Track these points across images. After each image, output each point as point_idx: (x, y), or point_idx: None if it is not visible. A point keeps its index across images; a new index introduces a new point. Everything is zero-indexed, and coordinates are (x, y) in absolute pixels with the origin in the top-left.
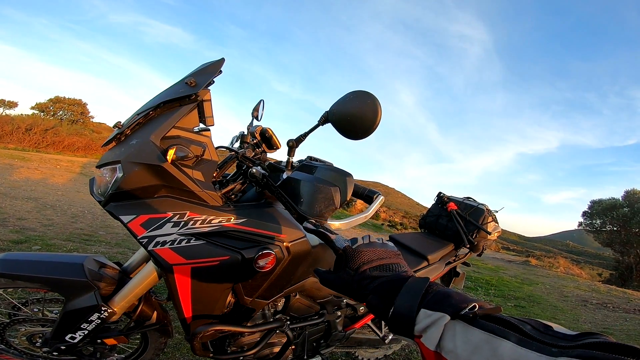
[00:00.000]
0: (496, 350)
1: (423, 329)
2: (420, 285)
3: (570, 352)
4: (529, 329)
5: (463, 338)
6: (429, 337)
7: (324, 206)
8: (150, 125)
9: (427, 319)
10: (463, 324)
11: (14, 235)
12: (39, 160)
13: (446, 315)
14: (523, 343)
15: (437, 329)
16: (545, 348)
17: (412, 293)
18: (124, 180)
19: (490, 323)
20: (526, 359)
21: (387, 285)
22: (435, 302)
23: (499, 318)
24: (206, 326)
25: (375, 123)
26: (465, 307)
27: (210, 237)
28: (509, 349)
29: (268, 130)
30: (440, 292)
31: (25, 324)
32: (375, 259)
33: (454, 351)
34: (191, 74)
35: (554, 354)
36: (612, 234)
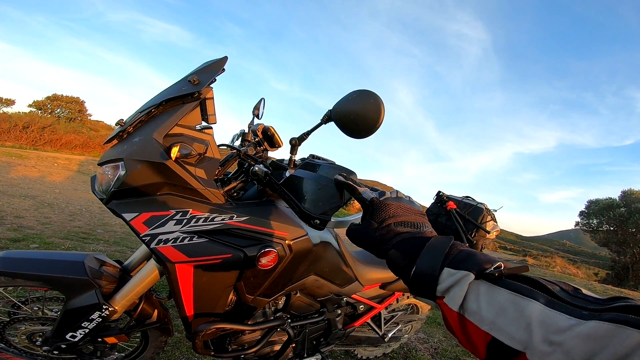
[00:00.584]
0: (523, 311)
1: (446, 288)
2: (444, 244)
3: (603, 316)
4: (557, 291)
5: (487, 299)
6: (452, 298)
7: (328, 204)
8: (153, 123)
9: (451, 278)
10: (488, 284)
11: (11, 234)
12: (37, 158)
13: (470, 273)
14: (552, 304)
15: (460, 289)
16: (576, 310)
17: (435, 251)
18: (126, 177)
19: (517, 282)
20: (555, 321)
21: (410, 241)
22: (460, 261)
23: (527, 277)
24: (208, 324)
25: (378, 122)
26: (490, 266)
27: (212, 234)
28: (537, 310)
29: (270, 128)
30: (464, 251)
31: (25, 322)
32: (401, 213)
33: (478, 312)
34: (194, 72)
35: (584, 317)
36: (609, 234)
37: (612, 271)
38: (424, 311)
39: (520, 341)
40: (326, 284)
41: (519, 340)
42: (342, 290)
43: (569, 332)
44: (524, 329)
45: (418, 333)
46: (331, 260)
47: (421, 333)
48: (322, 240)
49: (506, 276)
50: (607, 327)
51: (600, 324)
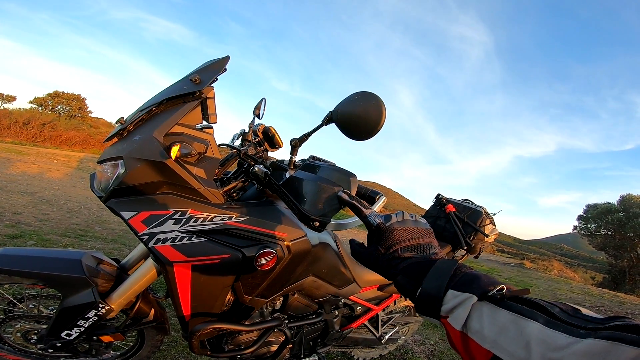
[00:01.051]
0: (523, 331)
1: (450, 309)
2: (449, 267)
3: (598, 334)
4: (557, 311)
5: (490, 319)
6: (455, 317)
7: (328, 206)
8: (153, 122)
9: (455, 300)
10: (490, 305)
11: (9, 230)
12: (36, 154)
13: (474, 296)
14: (550, 324)
15: (464, 310)
16: (574, 330)
17: (440, 274)
18: (126, 176)
19: (517, 304)
20: (553, 339)
21: (416, 266)
22: (463, 284)
23: (527, 300)
24: (205, 324)
25: (379, 124)
26: (492, 289)
27: (211, 234)
28: (536, 330)
29: (271, 129)
30: (468, 274)
31: (21, 320)
32: (408, 238)
33: (480, 332)
34: (195, 71)
35: (581, 336)
36: (607, 238)
37: (609, 275)
38: None
39: (519, 358)
40: (324, 285)
41: (518, 358)
42: (339, 291)
43: (567, 350)
44: (523, 348)
45: (415, 335)
46: (329, 262)
47: (418, 335)
48: (320, 241)
49: (508, 298)
50: (603, 344)
51: (597, 341)
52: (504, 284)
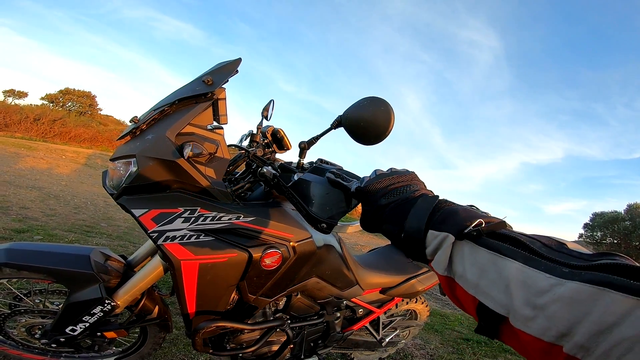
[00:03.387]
0: (502, 272)
1: (432, 251)
2: (428, 204)
3: (583, 275)
4: (538, 246)
5: (471, 260)
6: (437, 261)
7: (335, 208)
8: (166, 121)
9: (434, 241)
10: (471, 245)
11: (16, 224)
12: (45, 149)
13: (450, 235)
14: (531, 262)
15: (443, 251)
16: (556, 268)
17: (419, 213)
18: (138, 174)
19: (495, 241)
20: (534, 280)
21: (396, 209)
22: (441, 222)
23: (506, 235)
24: (209, 322)
25: (387, 130)
26: (469, 225)
27: (219, 233)
28: (516, 270)
29: (280, 131)
30: (446, 210)
31: (26, 315)
32: (383, 187)
33: (463, 275)
34: (208, 72)
35: (565, 275)
36: (613, 247)
37: None
38: (422, 317)
39: (502, 304)
40: (327, 286)
41: (500, 303)
42: (342, 293)
43: (550, 294)
44: (504, 291)
45: (415, 339)
46: (333, 264)
47: (418, 339)
48: (325, 243)
49: (487, 234)
50: (589, 289)
51: (581, 285)
52: (483, 216)
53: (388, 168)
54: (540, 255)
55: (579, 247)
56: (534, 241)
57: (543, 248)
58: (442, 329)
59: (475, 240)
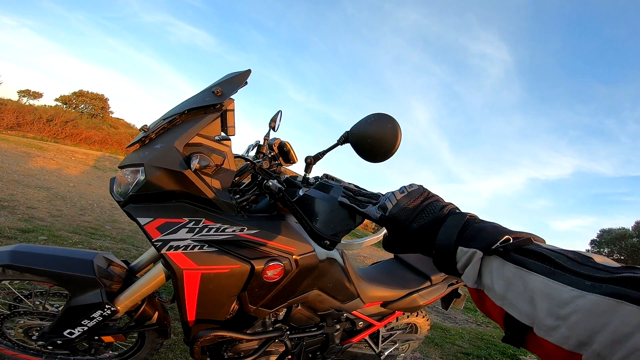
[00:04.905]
0: (527, 285)
1: (463, 267)
2: (457, 222)
3: (604, 288)
4: (563, 260)
5: (498, 274)
6: (467, 275)
7: (340, 226)
8: (175, 131)
9: (464, 257)
10: (499, 260)
11: (22, 224)
12: (56, 150)
13: (478, 251)
14: (554, 276)
15: (473, 266)
16: (579, 281)
17: (449, 231)
18: (145, 183)
19: (521, 256)
20: (557, 292)
21: (428, 229)
22: (470, 238)
23: (533, 250)
24: (207, 331)
25: (394, 148)
26: (497, 241)
27: (222, 245)
28: (540, 283)
29: (287, 144)
30: (475, 227)
31: (25, 316)
32: (410, 212)
33: (492, 288)
34: (217, 83)
35: (586, 288)
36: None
37: None
38: (422, 331)
39: (527, 315)
40: (328, 299)
41: (526, 314)
42: (343, 306)
43: (572, 305)
44: (529, 303)
45: (414, 352)
46: (335, 277)
47: (418, 352)
48: (328, 256)
49: (514, 250)
50: (608, 302)
51: (601, 298)
52: (511, 233)
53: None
54: (564, 268)
55: (606, 260)
56: (560, 255)
57: (568, 262)
58: (442, 343)
59: (503, 256)
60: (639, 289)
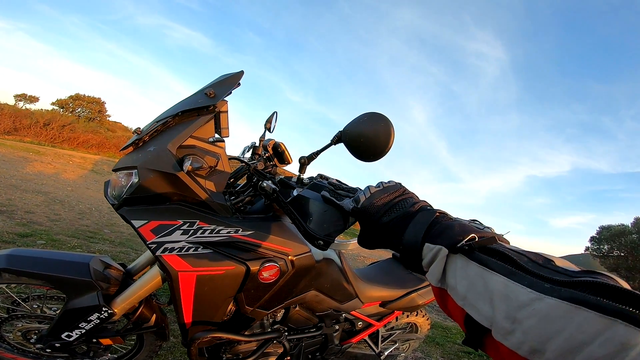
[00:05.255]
0: (487, 285)
1: (428, 263)
2: (427, 218)
3: (562, 292)
4: (524, 261)
5: (462, 273)
6: (431, 272)
7: (333, 227)
8: (168, 134)
9: (430, 253)
10: (464, 258)
11: (20, 228)
12: (53, 155)
13: (443, 248)
14: (515, 277)
15: (437, 264)
16: (538, 283)
17: (417, 227)
18: (139, 186)
19: (485, 256)
20: (516, 294)
21: (398, 223)
22: (437, 235)
23: (496, 250)
24: (205, 332)
25: (387, 147)
26: (463, 239)
27: (217, 246)
28: (500, 283)
29: (281, 145)
30: (443, 224)
31: (23, 319)
32: (381, 205)
33: (455, 287)
34: (210, 85)
35: (545, 291)
36: (619, 260)
37: None
38: (422, 330)
39: (486, 317)
40: (326, 299)
41: (485, 315)
42: (341, 306)
43: (529, 308)
44: (488, 304)
45: (415, 352)
46: (332, 277)
47: (419, 352)
48: (324, 257)
49: (478, 249)
50: (565, 306)
51: (558, 302)
52: (479, 231)
53: (377, 182)
54: (525, 270)
55: (567, 263)
56: (521, 256)
57: (529, 263)
58: (443, 342)
59: (468, 255)
60: (598, 295)
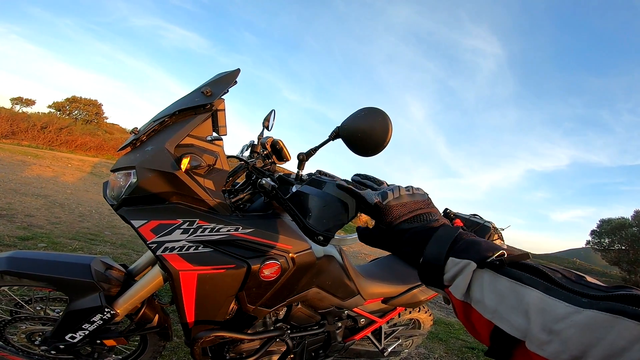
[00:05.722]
0: (522, 299)
1: (451, 277)
2: (450, 234)
3: (601, 304)
4: (559, 278)
5: (490, 287)
6: (456, 286)
7: (333, 222)
8: (165, 133)
9: (455, 268)
10: (491, 273)
11: (21, 232)
12: (52, 158)
13: (472, 262)
14: (551, 292)
15: (464, 278)
16: (575, 298)
17: (440, 241)
18: (137, 185)
19: (517, 271)
20: (553, 308)
21: (417, 235)
22: (463, 250)
23: (528, 265)
24: (207, 332)
25: (385, 141)
26: (492, 255)
27: (218, 245)
28: (536, 298)
29: (279, 142)
30: (469, 240)
31: (27, 322)
32: (406, 212)
33: (481, 301)
34: (207, 83)
35: (583, 305)
36: (620, 253)
37: None
38: (425, 326)
39: (519, 329)
40: (328, 296)
41: (518, 328)
42: (343, 303)
43: (567, 321)
44: (523, 317)
45: (419, 348)
46: (334, 274)
47: (422, 348)
48: (325, 254)
49: (508, 264)
50: (604, 317)
51: (598, 313)
52: (505, 248)
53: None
54: (560, 285)
55: (596, 280)
56: (555, 272)
57: (563, 279)
58: (446, 338)
59: (497, 269)
60: (636, 305)
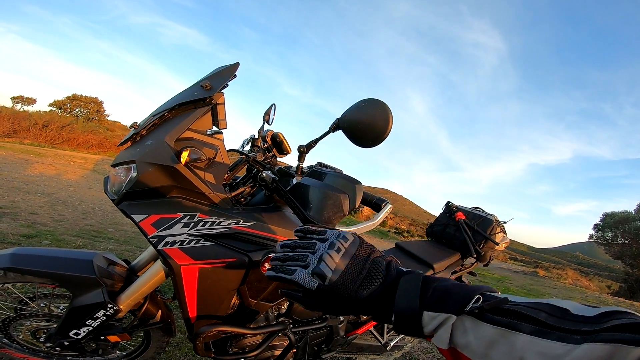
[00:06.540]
0: (513, 345)
1: (431, 330)
2: (414, 284)
3: (596, 337)
4: (543, 317)
5: (475, 334)
6: (439, 338)
7: (333, 213)
8: (165, 127)
9: (433, 322)
10: (472, 319)
11: (25, 230)
12: (54, 156)
13: (452, 315)
14: (540, 334)
15: (445, 330)
16: (567, 336)
17: (408, 294)
18: (138, 180)
19: (501, 317)
20: (550, 349)
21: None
22: (437, 302)
23: (509, 310)
24: (210, 326)
25: (386, 131)
26: (469, 302)
27: (219, 238)
28: (527, 342)
29: (279, 135)
30: (438, 289)
31: (31, 319)
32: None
33: (468, 346)
34: (206, 77)
35: (577, 342)
36: (624, 247)
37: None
38: None
39: None
40: None
41: None
42: None
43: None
44: None
45: (421, 342)
46: None
47: (424, 342)
48: None
49: (488, 310)
50: (603, 347)
51: (596, 345)
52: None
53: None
54: (548, 326)
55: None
56: (539, 312)
57: (549, 318)
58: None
59: (478, 316)
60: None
